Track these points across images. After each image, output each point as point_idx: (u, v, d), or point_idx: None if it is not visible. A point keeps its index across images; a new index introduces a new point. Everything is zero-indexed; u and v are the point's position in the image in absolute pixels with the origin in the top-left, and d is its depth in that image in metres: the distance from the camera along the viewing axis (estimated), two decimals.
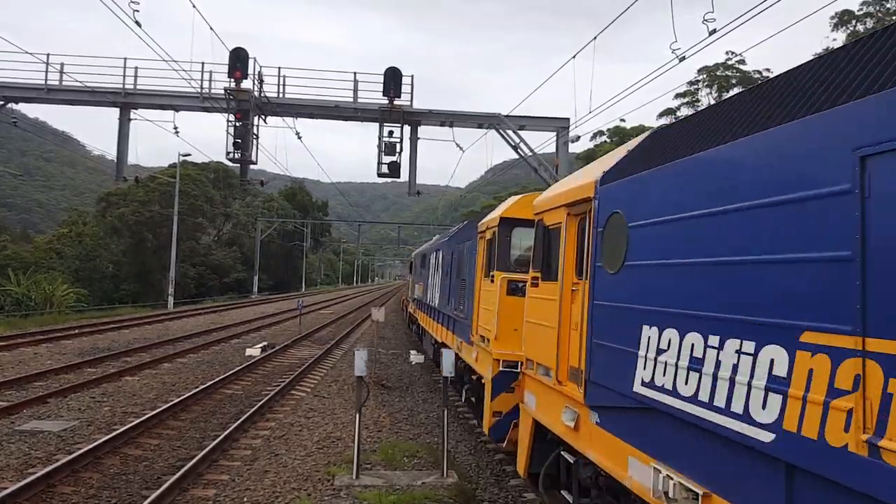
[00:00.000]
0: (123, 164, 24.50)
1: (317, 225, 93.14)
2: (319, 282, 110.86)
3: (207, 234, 72.66)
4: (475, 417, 12.89)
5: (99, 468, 9.03)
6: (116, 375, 15.87)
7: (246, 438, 10.89)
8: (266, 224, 74.37)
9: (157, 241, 58.07)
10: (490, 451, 11.19)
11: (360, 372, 9.28)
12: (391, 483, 8.59)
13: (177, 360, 19.28)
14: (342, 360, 20.80)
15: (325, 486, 8.53)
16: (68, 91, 22.97)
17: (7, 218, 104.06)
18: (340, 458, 9.74)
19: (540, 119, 23.72)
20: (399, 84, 22.16)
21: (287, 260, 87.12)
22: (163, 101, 23.25)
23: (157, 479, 8.66)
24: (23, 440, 10.13)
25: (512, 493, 9.05)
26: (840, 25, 46.22)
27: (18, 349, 19.74)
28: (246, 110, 21.74)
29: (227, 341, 24.47)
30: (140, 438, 10.56)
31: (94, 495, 8.05)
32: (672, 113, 57.66)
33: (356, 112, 23.14)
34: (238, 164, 23.23)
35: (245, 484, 8.58)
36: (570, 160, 24.56)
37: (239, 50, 21.43)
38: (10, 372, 15.65)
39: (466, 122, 23.70)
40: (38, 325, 27.13)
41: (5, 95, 23.26)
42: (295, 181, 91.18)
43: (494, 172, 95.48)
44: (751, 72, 54.04)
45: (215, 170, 63.59)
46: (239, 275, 69.70)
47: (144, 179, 55.83)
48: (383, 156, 22.37)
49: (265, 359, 19.83)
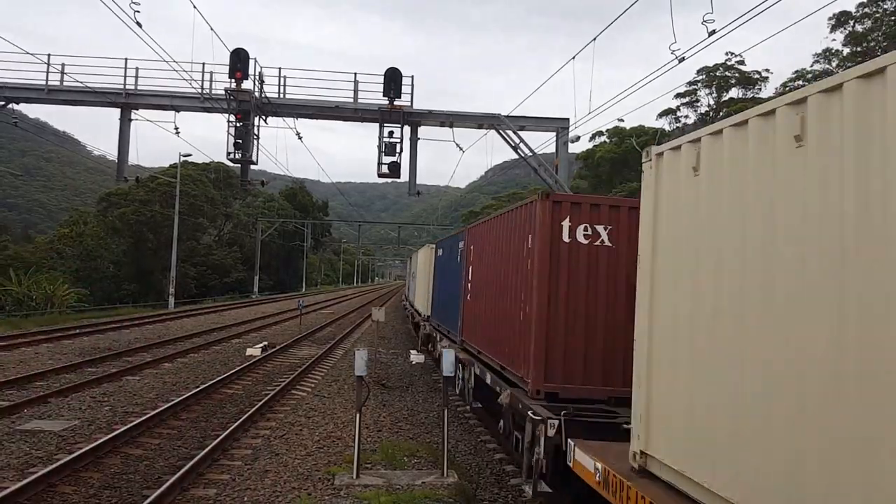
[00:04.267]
0: (124, 164, 24.50)
1: (317, 225, 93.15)
2: (320, 282, 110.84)
3: (208, 234, 72.64)
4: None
5: (100, 468, 9.05)
6: (117, 375, 15.90)
7: (246, 438, 10.91)
8: (266, 224, 74.38)
9: (157, 241, 58.07)
10: (490, 451, 11.21)
11: (361, 371, 9.31)
12: (391, 482, 8.61)
13: (177, 359, 19.30)
14: (342, 359, 20.82)
15: (325, 485, 8.55)
16: (69, 91, 22.97)
17: (8, 218, 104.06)
18: (341, 457, 9.76)
19: (540, 119, 23.72)
20: (399, 84, 22.17)
21: (287, 260, 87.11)
22: (163, 102, 23.25)
23: (158, 478, 8.68)
24: (23, 440, 10.15)
25: (512, 493, 9.07)
26: (838, 26, 46.21)
27: (19, 349, 19.75)
28: (246, 111, 21.75)
29: (227, 341, 24.49)
30: (141, 438, 10.58)
31: (94, 495, 8.07)
32: (672, 113, 57.64)
33: (356, 112, 23.14)
34: (238, 164, 23.22)
35: (245, 483, 8.60)
36: (570, 160, 24.58)
37: (239, 50, 21.44)
38: (10, 372, 15.67)
39: (466, 123, 23.71)
40: (38, 325, 27.14)
41: (6, 96, 23.27)
42: (295, 181, 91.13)
43: (494, 173, 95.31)
44: (750, 72, 54.03)
45: (216, 170, 63.53)
46: (239, 275, 69.69)
47: (145, 180, 55.87)
48: (383, 156, 22.38)
49: (266, 359, 19.86)
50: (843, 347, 3.40)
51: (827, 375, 3.49)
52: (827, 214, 3.59)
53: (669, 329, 5.23)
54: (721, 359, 4.46)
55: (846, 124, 3.54)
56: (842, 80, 3.61)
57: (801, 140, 3.85)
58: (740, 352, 4.25)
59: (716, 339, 4.54)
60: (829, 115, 3.67)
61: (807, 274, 3.71)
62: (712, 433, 4.47)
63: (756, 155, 4.27)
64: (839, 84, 3.62)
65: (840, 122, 3.59)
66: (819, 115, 3.75)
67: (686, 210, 5.09)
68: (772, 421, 3.90)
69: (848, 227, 3.44)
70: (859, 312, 3.33)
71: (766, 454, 3.93)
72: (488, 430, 12.38)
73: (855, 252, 3.39)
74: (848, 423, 3.33)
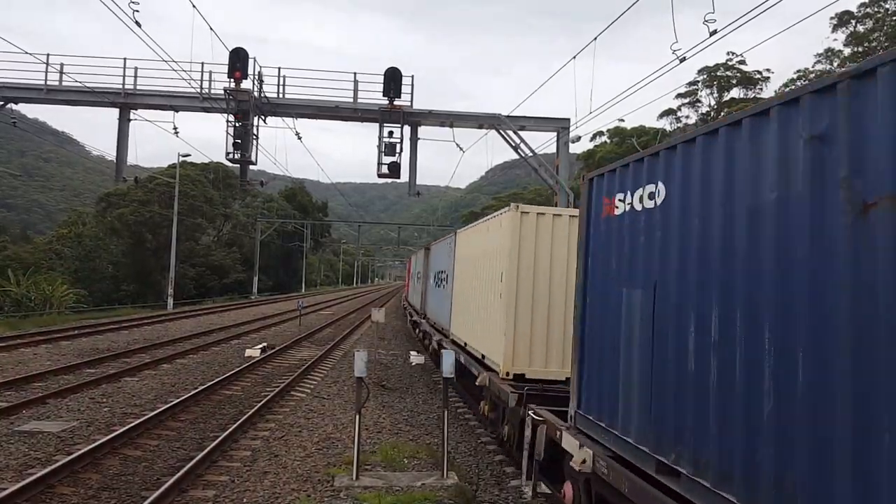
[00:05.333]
0: (123, 164, 24.42)
1: (317, 225, 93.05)
2: (319, 282, 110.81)
3: (207, 235, 72.55)
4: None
5: (98, 469, 9.01)
6: (116, 376, 15.85)
7: (245, 439, 10.87)
8: (266, 224, 74.31)
9: (156, 242, 58.01)
10: (490, 452, 11.17)
11: (360, 373, 9.27)
12: (391, 484, 8.57)
13: (176, 360, 19.25)
14: (342, 361, 20.78)
15: (324, 486, 8.51)
16: (68, 91, 22.91)
17: (6, 218, 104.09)
18: (340, 458, 9.72)
19: (540, 119, 23.67)
20: (399, 84, 22.11)
21: (287, 260, 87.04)
22: (162, 102, 23.19)
23: (157, 479, 8.64)
24: (22, 441, 10.11)
25: (512, 494, 9.03)
26: (840, 26, 46.22)
27: (18, 350, 19.71)
28: (246, 111, 21.70)
29: (226, 342, 24.44)
30: (139, 439, 10.54)
31: (93, 496, 8.03)
32: (672, 113, 57.60)
33: (356, 112, 23.09)
34: (238, 164, 23.15)
35: (244, 485, 8.55)
36: (570, 160, 24.54)
37: (239, 50, 21.38)
38: (9, 373, 15.62)
39: (466, 123, 23.66)
40: (37, 326, 27.09)
41: (5, 96, 23.20)
42: (295, 181, 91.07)
43: (495, 173, 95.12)
44: (751, 72, 54.00)
45: (215, 170, 63.46)
46: (239, 275, 69.61)
47: (144, 180, 55.86)
48: (383, 156, 22.32)
49: (265, 360, 19.81)
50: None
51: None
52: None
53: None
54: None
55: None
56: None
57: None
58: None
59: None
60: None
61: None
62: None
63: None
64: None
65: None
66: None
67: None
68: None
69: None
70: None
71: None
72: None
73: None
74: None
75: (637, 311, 5.53)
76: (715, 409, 4.34)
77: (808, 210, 3.65)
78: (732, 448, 4.12)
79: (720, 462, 4.23)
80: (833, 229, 3.46)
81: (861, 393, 3.21)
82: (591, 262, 6.69)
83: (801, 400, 3.56)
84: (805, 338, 3.59)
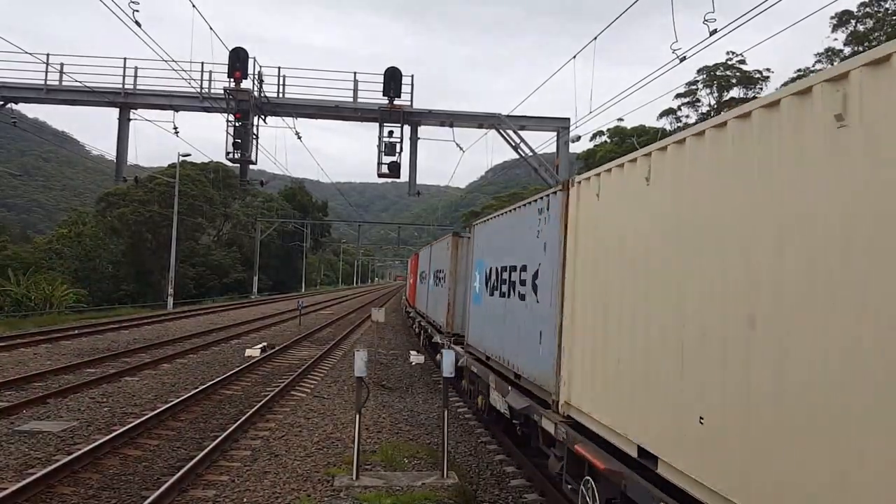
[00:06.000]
0: (123, 164, 24.41)
1: (317, 225, 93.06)
2: (319, 282, 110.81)
3: (207, 235, 72.57)
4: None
5: (98, 469, 9.01)
6: (116, 376, 15.85)
7: (245, 439, 10.87)
8: (266, 224, 74.31)
9: (156, 242, 58.01)
10: (490, 452, 11.17)
11: (360, 372, 9.27)
12: (391, 484, 8.57)
13: (176, 360, 19.25)
14: (342, 360, 20.78)
15: (324, 486, 8.51)
16: (68, 91, 22.90)
17: (7, 218, 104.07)
18: (340, 458, 9.72)
19: (540, 119, 23.66)
20: (399, 84, 22.10)
21: (287, 260, 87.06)
22: (162, 102, 23.17)
23: (157, 479, 8.64)
24: (22, 440, 10.11)
25: (512, 494, 9.03)
26: (840, 26, 46.20)
27: (18, 350, 19.71)
28: (246, 110, 21.68)
29: (226, 342, 24.43)
30: (139, 439, 10.54)
31: (93, 496, 8.03)
32: (673, 113, 57.58)
33: (356, 112, 23.07)
34: (238, 164, 23.14)
35: (245, 485, 8.55)
36: (570, 160, 24.53)
37: (239, 50, 21.37)
38: (9, 372, 15.62)
39: (466, 123, 23.64)
40: (37, 326, 27.10)
41: (5, 95, 23.19)
42: (295, 181, 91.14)
43: (495, 172, 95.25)
44: (751, 72, 53.95)
45: (215, 170, 63.47)
46: (238, 275, 69.63)
47: (144, 179, 55.88)
48: (383, 156, 22.30)
49: (265, 359, 19.81)
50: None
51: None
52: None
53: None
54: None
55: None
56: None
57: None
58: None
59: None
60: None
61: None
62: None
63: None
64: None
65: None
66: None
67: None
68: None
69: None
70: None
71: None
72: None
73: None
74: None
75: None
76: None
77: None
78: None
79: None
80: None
81: None
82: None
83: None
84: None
